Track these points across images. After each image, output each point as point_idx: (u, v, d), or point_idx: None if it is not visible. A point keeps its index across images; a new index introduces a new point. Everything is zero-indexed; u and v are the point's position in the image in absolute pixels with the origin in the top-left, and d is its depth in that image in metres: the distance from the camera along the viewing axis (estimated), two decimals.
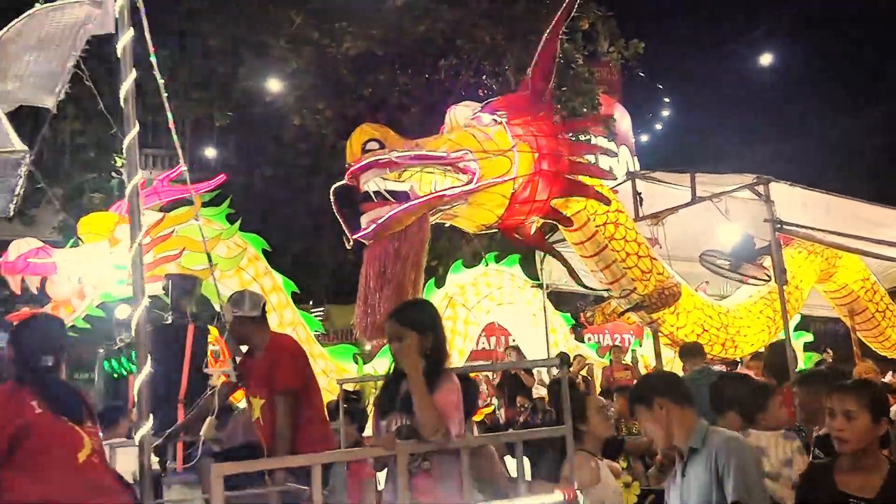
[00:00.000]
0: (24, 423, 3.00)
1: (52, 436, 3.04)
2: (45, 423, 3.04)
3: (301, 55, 13.87)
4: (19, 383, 3.12)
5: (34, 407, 3.04)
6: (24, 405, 3.03)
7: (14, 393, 3.07)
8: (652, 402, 3.02)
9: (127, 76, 4.47)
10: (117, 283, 7.04)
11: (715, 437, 2.94)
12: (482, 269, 10.73)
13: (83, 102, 10.69)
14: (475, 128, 5.99)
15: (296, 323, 8.73)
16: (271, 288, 8.68)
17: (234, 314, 4.40)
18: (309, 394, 4.44)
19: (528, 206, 6.11)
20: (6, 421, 2.99)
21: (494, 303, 10.71)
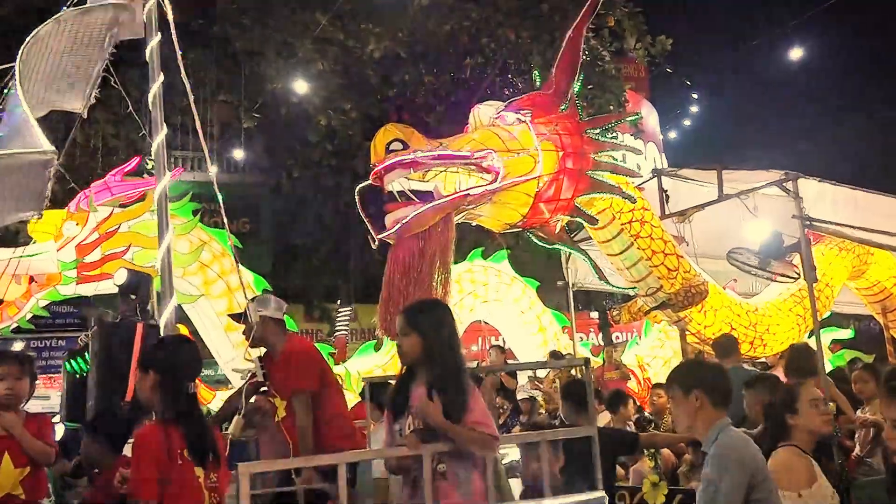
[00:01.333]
0: (172, 473, 2.79)
1: (186, 489, 2.84)
2: (183, 475, 2.83)
3: (327, 56, 13.94)
4: (167, 423, 2.85)
5: (180, 456, 2.82)
6: (176, 453, 2.81)
7: (167, 437, 2.81)
8: (690, 391, 2.99)
9: (155, 79, 4.56)
10: (63, 283, 6.95)
11: (719, 442, 2.91)
12: (466, 265, 10.53)
13: (113, 105, 10.85)
14: (499, 127, 5.98)
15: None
16: (238, 285, 8.59)
17: (260, 314, 4.45)
18: (329, 393, 4.50)
19: (552, 205, 6.09)
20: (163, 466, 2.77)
21: (479, 300, 10.49)
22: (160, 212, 4.28)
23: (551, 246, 6.77)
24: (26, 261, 6.78)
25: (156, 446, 2.78)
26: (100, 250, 6.90)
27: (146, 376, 2.95)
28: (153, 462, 2.74)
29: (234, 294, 8.20)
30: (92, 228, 6.97)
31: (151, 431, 2.85)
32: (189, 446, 2.84)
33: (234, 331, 8.17)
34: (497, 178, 5.64)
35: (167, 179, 4.42)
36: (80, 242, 6.94)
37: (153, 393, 2.93)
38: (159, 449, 2.77)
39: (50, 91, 4.50)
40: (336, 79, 14.20)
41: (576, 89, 6.38)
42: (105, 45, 4.33)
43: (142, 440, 2.85)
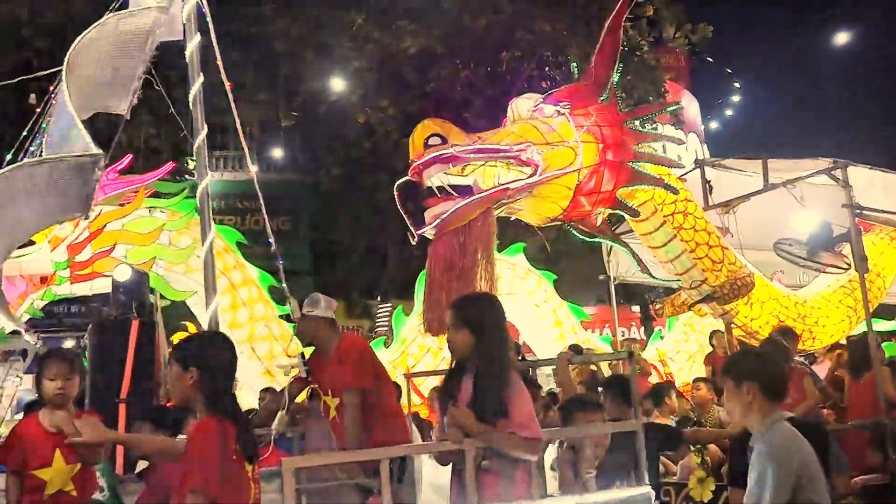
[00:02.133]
0: (228, 469, 2.67)
1: (239, 485, 2.73)
2: (236, 471, 2.72)
3: (363, 54, 14.01)
4: (220, 418, 2.75)
5: (234, 451, 2.72)
6: (233, 449, 2.71)
7: (223, 432, 2.71)
8: (741, 383, 2.91)
9: (195, 80, 4.62)
10: (57, 283, 6.99)
11: (771, 435, 2.83)
12: None
13: (155, 106, 11.04)
14: (538, 119, 5.94)
15: (268, 318, 8.54)
16: (241, 282, 8.51)
17: (309, 313, 4.48)
18: (380, 391, 4.50)
19: (593, 198, 6.03)
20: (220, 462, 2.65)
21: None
22: (203, 211, 4.33)
23: (592, 239, 6.70)
24: (22, 262, 6.86)
25: (216, 441, 2.69)
26: (90, 248, 6.92)
27: (185, 374, 2.82)
28: (215, 457, 2.65)
29: (237, 290, 8.19)
30: (83, 228, 7.03)
31: (210, 426, 2.74)
32: (240, 441, 2.76)
33: (238, 328, 8.22)
34: (536, 171, 5.60)
35: (209, 179, 4.47)
36: (72, 242, 7.00)
37: (193, 390, 2.82)
38: (219, 444, 2.68)
39: (95, 94, 4.59)
40: (373, 76, 14.26)
41: (615, 80, 6.31)
42: (147, 47, 4.40)
43: (202, 435, 2.74)
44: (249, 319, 8.29)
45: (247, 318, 8.34)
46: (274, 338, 8.38)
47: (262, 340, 8.35)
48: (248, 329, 8.37)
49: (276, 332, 8.40)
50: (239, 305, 8.40)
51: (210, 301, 4.09)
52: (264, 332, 8.38)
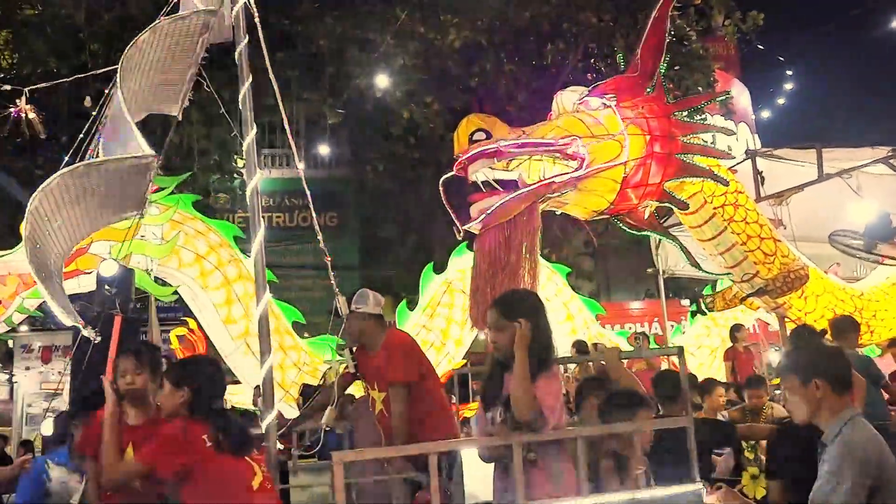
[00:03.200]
0: (197, 456, 3.11)
1: (224, 467, 3.16)
2: (214, 456, 3.14)
3: (408, 50, 14.06)
4: (192, 419, 3.22)
5: (205, 441, 3.14)
6: (197, 440, 3.14)
7: (188, 428, 3.18)
8: (809, 379, 2.81)
9: (244, 81, 4.70)
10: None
11: (849, 432, 2.73)
12: None
13: (205, 107, 11.26)
14: (583, 112, 5.87)
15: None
16: (236, 277, 8.44)
17: (357, 310, 4.54)
18: (427, 385, 4.54)
19: (640, 191, 5.94)
20: (180, 452, 3.11)
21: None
22: (252, 208, 4.41)
23: (640, 233, 6.61)
24: (11, 262, 6.93)
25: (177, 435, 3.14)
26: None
27: (177, 392, 3.23)
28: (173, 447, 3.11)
29: (232, 286, 8.15)
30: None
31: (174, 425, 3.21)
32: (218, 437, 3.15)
33: (232, 323, 8.23)
34: (582, 164, 5.54)
35: (258, 177, 4.54)
36: None
37: (182, 408, 3.22)
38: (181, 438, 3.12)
39: (148, 96, 4.70)
40: (417, 72, 14.31)
41: (662, 71, 6.20)
42: (197, 49, 4.49)
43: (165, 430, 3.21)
44: (244, 315, 8.23)
45: (241, 314, 8.30)
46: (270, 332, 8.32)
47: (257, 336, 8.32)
48: (243, 325, 8.32)
49: (270, 327, 8.38)
50: (234, 301, 8.37)
51: (261, 296, 4.16)
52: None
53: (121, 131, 3.94)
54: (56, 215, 3.82)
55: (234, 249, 8.54)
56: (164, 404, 3.33)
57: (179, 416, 3.24)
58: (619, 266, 16.70)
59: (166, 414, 3.33)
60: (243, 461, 3.22)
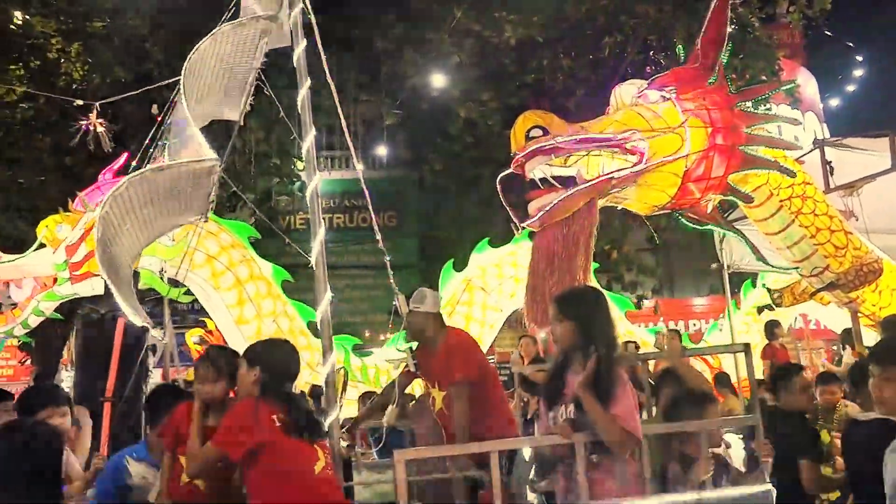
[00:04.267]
0: (265, 437, 3.17)
1: (291, 449, 3.21)
2: (283, 438, 3.20)
3: (464, 48, 14.04)
4: (264, 400, 3.27)
5: (274, 421, 3.21)
6: (267, 420, 3.20)
7: (259, 408, 3.23)
8: None
9: (302, 84, 4.76)
10: (59, 284, 7.02)
11: None
12: (510, 248, 9.93)
13: (265, 111, 11.48)
14: (642, 106, 5.79)
15: (276, 314, 8.42)
16: (248, 277, 8.39)
17: (415, 309, 4.57)
18: (488, 383, 4.54)
19: (702, 184, 5.83)
20: (249, 432, 3.17)
21: (521, 284, 9.94)
22: (312, 210, 4.47)
23: (703, 227, 6.48)
24: (27, 265, 7.01)
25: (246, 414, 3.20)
26: (84, 248, 6.96)
27: (251, 371, 3.32)
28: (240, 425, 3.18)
29: (243, 286, 8.14)
30: (80, 228, 7.13)
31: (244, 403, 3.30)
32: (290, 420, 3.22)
33: (245, 324, 8.24)
34: (642, 159, 5.47)
35: (318, 179, 4.60)
36: (69, 243, 7.09)
37: (254, 386, 3.29)
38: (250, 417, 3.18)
39: (210, 102, 4.82)
40: (474, 70, 14.28)
41: (724, 61, 6.06)
42: (256, 55, 4.58)
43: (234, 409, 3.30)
44: (256, 316, 8.25)
45: (253, 314, 8.31)
46: (282, 333, 8.31)
47: (271, 337, 8.26)
48: (255, 325, 8.33)
49: (284, 328, 8.33)
50: (245, 301, 8.37)
51: (321, 299, 4.22)
52: (272, 328, 8.34)
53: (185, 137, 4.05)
54: (125, 219, 3.95)
55: (246, 250, 8.55)
56: (240, 385, 3.43)
57: (251, 395, 3.30)
58: (683, 261, 16.37)
59: (241, 394, 3.42)
60: (309, 445, 3.26)
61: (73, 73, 13.04)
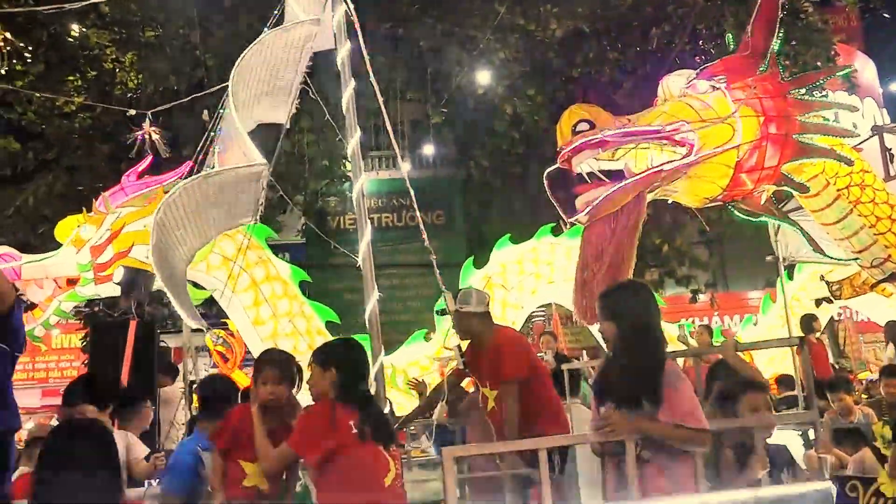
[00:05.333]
0: (341, 441, 3.12)
1: (364, 457, 3.15)
2: (358, 444, 3.14)
3: (508, 44, 13.98)
4: (340, 403, 3.22)
5: (350, 427, 3.14)
6: (343, 424, 3.15)
7: (335, 411, 3.18)
8: None
9: (346, 86, 4.82)
10: (82, 284, 7.02)
11: None
12: (531, 243, 9.76)
13: (313, 113, 11.61)
14: (691, 96, 5.69)
15: (293, 314, 8.37)
16: (263, 278, 8.35)
17: (461, 309, 4.57)
18: (538, 381, 4.51)
19: (755, 175, 5.69)
20: (326, 436, 3.13)
21: (542, 281, 9.62)
22: (358, 210, 4.52)
23: (756, 219, 6.33)
24: (48, 266, 7.03)
25: (320, 418, 3.17)
26: (111, 249, 7.01)
27: (325, 373, 3.29)
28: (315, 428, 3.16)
29: (259, 287, 8.12)
30: (105, 230, 7.15)
31: (319, 407, 3.26)
32: (364, 424, 3.16)
33: (261, 325, 8.23)
34: (692, 150, 5.37)
35: (364, 179, 4.65)
36: (94, 244, 7.11)
37: (329, 387, 3.26)
38: (323, 420, 3.15)
39: (257, 107, 4.91)
40: (519, 66, 14.22)
41: (775, 48, 5.91)
42: (301, 58, 4.64)
43: (308, 412, 3.28)
44: (272, 316, 8.24)
45: (269, 314, 8.30)
46: (299, 334, 8.33)
47: (286, 337, 8.29)
48: (272, 326, 8.32)
49: (301, 328, 8.32)
50: (261, 302, 8.37)
51: (369, 300, 4.26)
52: (288, 328, 8.32)
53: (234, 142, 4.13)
54: (179, 225, 4.05)
55: (263, 251, 8.57)
56: (313, 386, 3.39)
57: (327, 397, 3.27)
58: (737, 254, 16.01)
59: (315, 396, 3.39)
60: (382, 454, 3.21)
61: (128, 82, 13.42)
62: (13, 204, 11.78)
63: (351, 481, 3.10)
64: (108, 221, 6.99)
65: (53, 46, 12.86)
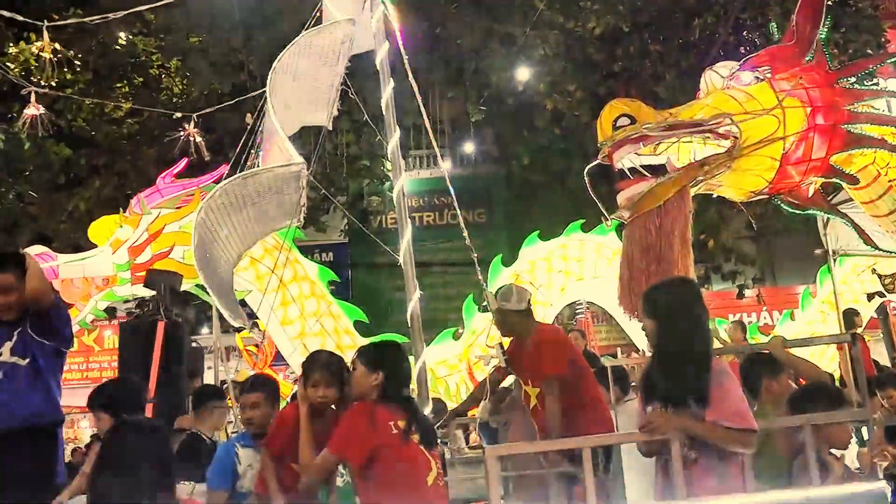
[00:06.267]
0: (383, 441, 3.12)
1: (406, 457, 3.15)
2: (400, 444, 3.15)
3: (548, 41, 13.90)
4: (382, 404, 3.22)
5: (391, 427, 3.15)
6: (384, 425, 3.15)
7: (376, 412, 3.18)
8: None
9: (385, 86, 4.84)
10: (119, 284, 7.11)
11: None
12: (561, 240, 9.64)
13: (353, 114, 11.71)
14: (734, 88, 5.57)
15: (320, 314, 8.35)
16: (291, 279, 8.34)
17: (503, 307, 4.56)
18: (580, 379, 4.48)
19: (802, 167, 5.55)
20: (368, 437, 3.12)
21: (571, 278, 9.49)
22: (399, 209, 4.54)
23: (804, 212, 6.17)
24: (85, 265, 7.13)
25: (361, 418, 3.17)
26: (150, 250, 7.10)
27: (371, 374, 3.28)
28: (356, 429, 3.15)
29: (287, 287, 8.11)
30: (143, 231, 7.25)
31: (361, 407, 3.25)
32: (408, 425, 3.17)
33: (289, 324, 8.22)
34: (736, 143, 5.26)
35: (404, 179, 4.67)
36: (132, 245, 7.21)
37: (374, 389, 3.26)
38: (365, 421, 3.15)
39: (298, 109, 4.96)
40: (559, 62, 14.13)
41: (822, 36, 5.76)
42: (339, 60, 4.67)
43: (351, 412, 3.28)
44: (300, 316, 8.26)
45: (297, 314, 8.33)
46: (326, 333, 8.34)
47: (314, 336, 8.32)
48: (299, 326, 8.35)
49: (328, 328, 8.33)
50: (289, 302, 8.39)
51: (410, 298, 4.27)
52: (316, 328, 8.35)
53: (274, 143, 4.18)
54: (221, 226, 4.11)
55: (290, 251, 8.43)
56: (355, 386, 3.37)
57: (369, 399, 3.26)
58: (785, 248, 15.67)
59: (357, 396, 3.38)
60: (423, 454, 3.20)
61: (174, 87, 13.72)
62: (66, 209, 12.13)
63: (393, 481, 3.10)
64: (145, 222, 7.14)
65: (102, 55, 13.21)
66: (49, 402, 3.72)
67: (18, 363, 3.64)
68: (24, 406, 3.62)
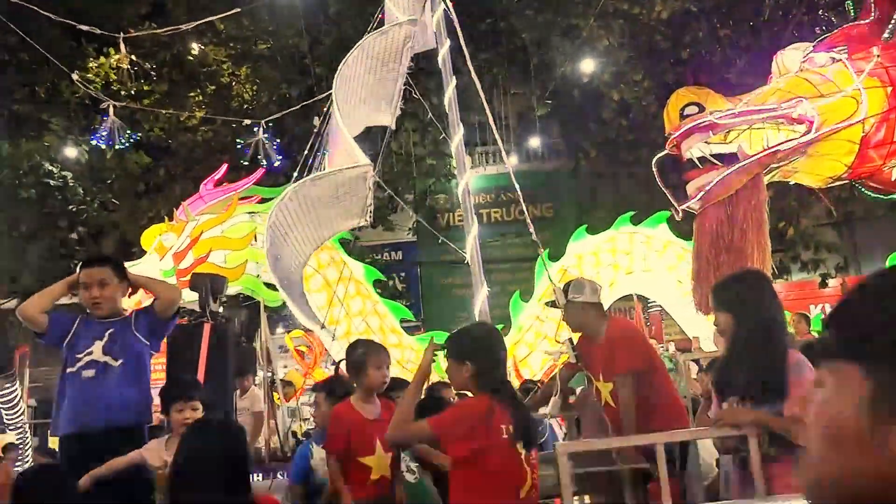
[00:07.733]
0: (492, 442, 2.90)
1: (508, 464, 2.93)
2: (506, 449, 2.92)
3: (612, 31, 13.67)
4: (496, 399, 2.98)
5: (502, 431, 2.92)
6: (497, 426, 2.93)
7: (493, 409, 2.93)
8: None
9: (448, 84, 4.86)
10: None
11: None
12: (609, 233, 9.35)
13: (418, 113, 11.79)
14: (809, 71, 5.38)
15: (366, 313, 8.30)
16: (336, 279, 8.25)
17: (574, 300, 4.50)
18: (655, 374, 4.40)
19: (884, 150, 5.32)
20: (479, 434, 2.91)
21: (620, 272, 9.18)
22: (465, 206, 4.55)
23: (887, 197, 5.92)
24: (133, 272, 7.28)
25: (474, 410, 2.97)
26: (191, 256, 7.17)
27: (461, 367, 3.06)
28: (464, 420, 2.96)
29: (332, 287, 8.08)
30: (185, 237, 7.35)
31: (476, 400, 3.02)
32: (514, 424, 2.94)
33: (335, 324, 8.16)
34: (811, 128, 5.08)
35: (469, 176, 4.68)
36: (176, 251, 7.31)
37: (469, 381, 3.05)
38: (476, 414, 2.93)
39: (363, 110, 5.03)
40: (624, 51, 13.88)
41: None
42: (402, 60, 4.72)
43: (465, 402, 3.19)
44: (346, 316, 8.22)
45: (343, 314, 8.26)
46: (372, 332, 8.27)
47: (360, 335, 8.01)
48: (345, 325, 8.28)
49: (373, 327, 8.31)
50: (335, 303, 8.29)
51: (477, 295, 4.28)
52: (361, 327, 8.33)
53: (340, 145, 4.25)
54: (292, 228, 4.21)
55: (336, 251, 8.55)
56: (452, 380, 3.23)
57: (477, 391, 3.07)
58: (869, 235, 15.01)
59: (457, 388, 3.35)
60: (523, 465, 2.96)
61: (244, 94, 14.08)
62: (147, 216, 12.61)
63: (486, 489, 2.91)
64: (189, 229, 7.32)
65: (176, 65, 13.68)
66: (140, 402, 3.85)
67: (110, 363, 3.75)
68: (116, 405, 3.73)
